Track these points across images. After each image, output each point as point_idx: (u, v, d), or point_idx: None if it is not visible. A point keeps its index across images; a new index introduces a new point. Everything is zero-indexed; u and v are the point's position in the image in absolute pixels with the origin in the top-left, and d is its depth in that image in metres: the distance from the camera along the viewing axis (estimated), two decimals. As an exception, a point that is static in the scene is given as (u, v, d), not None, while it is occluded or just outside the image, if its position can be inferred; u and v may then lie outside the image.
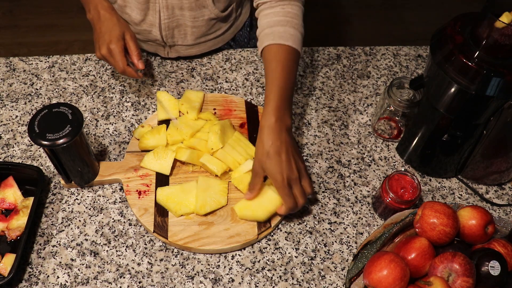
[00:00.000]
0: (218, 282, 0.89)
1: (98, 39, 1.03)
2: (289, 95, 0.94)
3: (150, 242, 0.93)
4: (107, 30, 1.02)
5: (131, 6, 1.10)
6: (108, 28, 1.02)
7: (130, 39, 1.04)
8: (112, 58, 1.02)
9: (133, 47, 1.04)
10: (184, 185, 0.97)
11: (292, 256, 0.93)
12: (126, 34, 1.03)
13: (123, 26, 1.04)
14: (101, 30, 1.03)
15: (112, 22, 1.03)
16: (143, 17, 1.12)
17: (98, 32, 1.04)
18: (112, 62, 1.03)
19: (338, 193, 1.02)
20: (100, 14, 1.04)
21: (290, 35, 0.96)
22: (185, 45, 1.18)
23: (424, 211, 0.84)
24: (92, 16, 1.05)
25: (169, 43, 1.17)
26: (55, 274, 0.89)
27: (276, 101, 0.91)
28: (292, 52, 0.96)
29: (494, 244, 0.84)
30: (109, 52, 1.02)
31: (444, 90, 0.87)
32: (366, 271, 0.80)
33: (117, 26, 1.03)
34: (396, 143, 1.10)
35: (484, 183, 1.05)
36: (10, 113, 1.11)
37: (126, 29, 1.04)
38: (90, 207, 0.97)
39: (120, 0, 1.10)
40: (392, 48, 1.29)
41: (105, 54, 1.02)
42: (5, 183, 0.97)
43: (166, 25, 1.12)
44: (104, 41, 1.02)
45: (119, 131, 1.09)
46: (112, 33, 1.02)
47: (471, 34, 0.84)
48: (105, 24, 1.03)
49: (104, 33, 1.02)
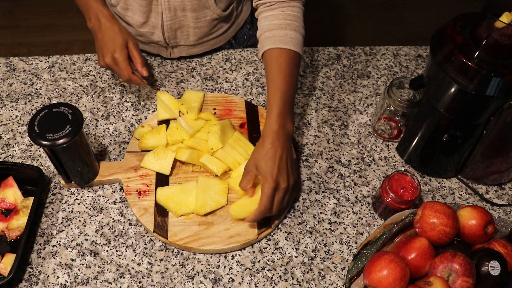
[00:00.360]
0: (218, 282, 0.89)
1: (101, 48, 1.03)
2: (291, 99, 0.94)
3: (150, 242, 0.93)
4: (109, 39, 1.02)
5: (133, 9, 1.10)
6: (110, 37, 1.02)
7: (133, 47, 1.03)
8: (116, 66, 1.02)
9: (137, 55, 1.04)
10: (184, 185, 0.97)
11: (292, 256, 0.93)
12: (129, 42, 1.03)
13: (125, 34, 1.03)
14: (103, 39, 1.02)
15: (113, 31, 1.02)
16: (145, 20, 1.11)
17: (100, 41, 1.03)
18: (116, 71, 1.03)
19: (338, 193, 1.02)
20: (101, 22, 1.03)
21: (290, 38, 0.96)
22: (187, 45, 1.19)
23: (424, 211, 0.84)
24: (93, 24, 1.04)
25: (172, 44, 1.17)
26: (55, 274, 0.89)
27: (279, 108, 0.91)
28: (293, 55, 0.96)
29: (494, 244, 0.84)
30: (113, 61, 1.01)
31: (444, 90, 0.87)
32: (366, 271, 0.80)
33: (120, 35, 1.02)
34: (396, 143, 1.10)
35: (484, 183, 1.05)
36: (10, 113, 1.11)
37: (129, 37, 1.04)
38: (90, 207, 0.97)
39: (122, 3, 1.10)
40: (392, 48, 1.29)
41: (110, 63, 1.02)
42: (5, 183, 0.97)
43: (169, 27, 1.12)
44: (108, 50, 1.01)
45: (119, 131, 1.09)
46: (116, 42, 1.01)
47: (471, 34, 0.84)
48: (107, 33, 1.02)
49: (107, 42, 1.02)
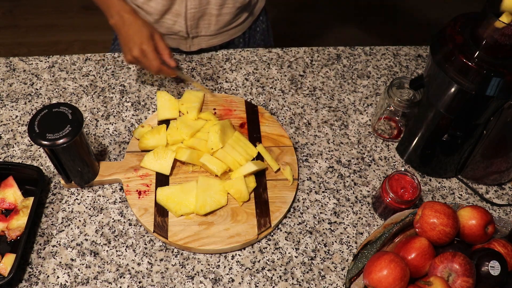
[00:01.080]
0: (218, 282, 0.89)
1: (127, 42, 1.03)
2: None
3: (150, 242, 0.93)
4: (135, 32, 1.02)
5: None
6: (136, 31, 1.02)
7: (159, 38, 1.04)
8: (145, 58, 1.02)
9: (163, 46, 1.04)
10: (184, 185, 0.97)
11: (292, 256, 0.93)
12: (155, 34, 1.04)
13: (150, 27, 1.04)
14: (129, 33, 1.02)
15: (138, 24, 1.02)
16: (168, 7, 1.12)
17: (125, 35, 1.03)
18: (145, 63, 1.03)
19: (338, 193, 1.02)
20: (124, 18, 1.03)
21: None
22: (208, 36, 1.20)
23: (424, 211, 0.84)
24: (115, 21, 1.04)
25: (192, 34, 1.18)
26: (55, 274, 0.89)
27: None
28: None
29: (494, 244, 0.84)
30: (141, 53, 1.02)
31: (444, 90, 0.87)
32: (366, 271, 0.80)
33: (145, 28, 1.02)
34: (396, 143, 1.10)
35: (484, 183, 1.05)
36: (10, 113, 1.11)
37: (154, 29, 1.04)
38: (90, 207, 0.97)
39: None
40: (392, 48, 1.29)
41: (138, 55, 1.02)
42: (5, 183, 0.97)
43: (192, 15, 1.13)
44: (135, 44, 1.01)
45: (119, 131, 1.09)
46: (142, 35, 1.01)
47: (471, 34, 0.84)
48: (132, 27, 1.02)
49: (132, 36, 1.02)
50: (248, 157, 1.00)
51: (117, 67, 1.21)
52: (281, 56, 1.25)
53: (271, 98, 1.17)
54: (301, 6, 2.75)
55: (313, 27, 2.67)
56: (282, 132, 1.08)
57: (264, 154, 1.03)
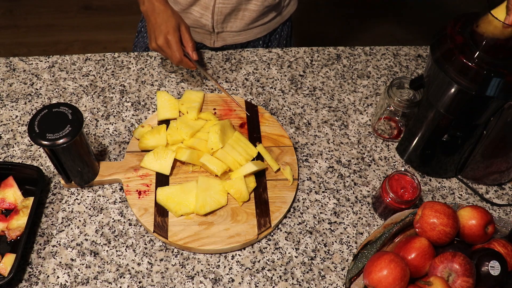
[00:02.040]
0: (218, 282, 0.89)
1: (154, 30, 1.05)
2: None
3: (150, 242, 0.93)
4: (163, 21, 1.03)
5: None
6: (164, 19, 1.04)
7: (185, 30, 1.05)
8: (168, 48, 1.04)
9: (188, 38, 1.06)
10: (184, 185, 0.97)
11: (292, 256, 0.93)
12: (181, 25, 1.05)
13: (178, 17, 1.06)
14: (157, 21, 1.04)
15: (167, 13, 1.04)
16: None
17: (153, 23, 1.05)
18: (168, 53, 1.05)
19: (338, 193, 1.02)
20: (154, 5, 1.05)
21: None
22: (233, 32, 1.21)
23: (424, 211, 0.84)
24: (146, 8, 1.06)
25: (218, 30, 1.19)
26: (55, 274, 0.89)
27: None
28: None
29: (494, 244, 0.84)
30: (166, 42, 1.03)
31: (444, 90, 0.87)
32: (366, 271, 0.80)
33: (173, 18, 1.04)
34: (396, 143, 1.10)
35: (484, 183, 1.05)
36: (10, 113, 1.11)
37: (181, 20, 1.06)
38: (90, 207, 0.97)
39: None
40: (392, 48, 1.29)
41: (162, 44, 1.03)
42: (5, 183, 0.97)
43: (220, 10, 1.14)
44: (161, 32, 1.03)
45: (119, 131, 1.09)
46: (169, 24, 1.03)
47: (471, 34, 0.84)
48: (161, 16, 1.04)
49: (160, 24, 1.04)
50: (248, 157, 1.00)
51: (117, 67, 1.21)
52: (281, 56, 1.25)
53: (271, 98, 1.17)
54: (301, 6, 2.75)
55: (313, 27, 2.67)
56: (282, 132, 1.08)
57: (264, 154, 1.03)
